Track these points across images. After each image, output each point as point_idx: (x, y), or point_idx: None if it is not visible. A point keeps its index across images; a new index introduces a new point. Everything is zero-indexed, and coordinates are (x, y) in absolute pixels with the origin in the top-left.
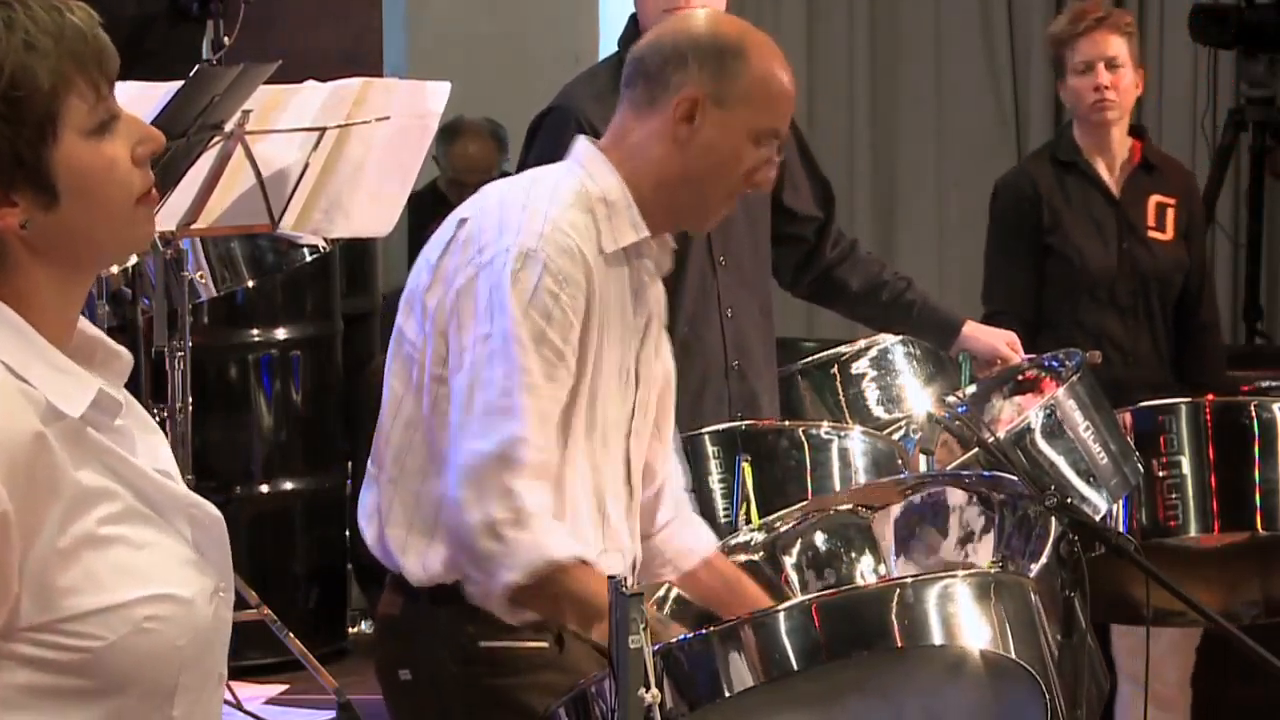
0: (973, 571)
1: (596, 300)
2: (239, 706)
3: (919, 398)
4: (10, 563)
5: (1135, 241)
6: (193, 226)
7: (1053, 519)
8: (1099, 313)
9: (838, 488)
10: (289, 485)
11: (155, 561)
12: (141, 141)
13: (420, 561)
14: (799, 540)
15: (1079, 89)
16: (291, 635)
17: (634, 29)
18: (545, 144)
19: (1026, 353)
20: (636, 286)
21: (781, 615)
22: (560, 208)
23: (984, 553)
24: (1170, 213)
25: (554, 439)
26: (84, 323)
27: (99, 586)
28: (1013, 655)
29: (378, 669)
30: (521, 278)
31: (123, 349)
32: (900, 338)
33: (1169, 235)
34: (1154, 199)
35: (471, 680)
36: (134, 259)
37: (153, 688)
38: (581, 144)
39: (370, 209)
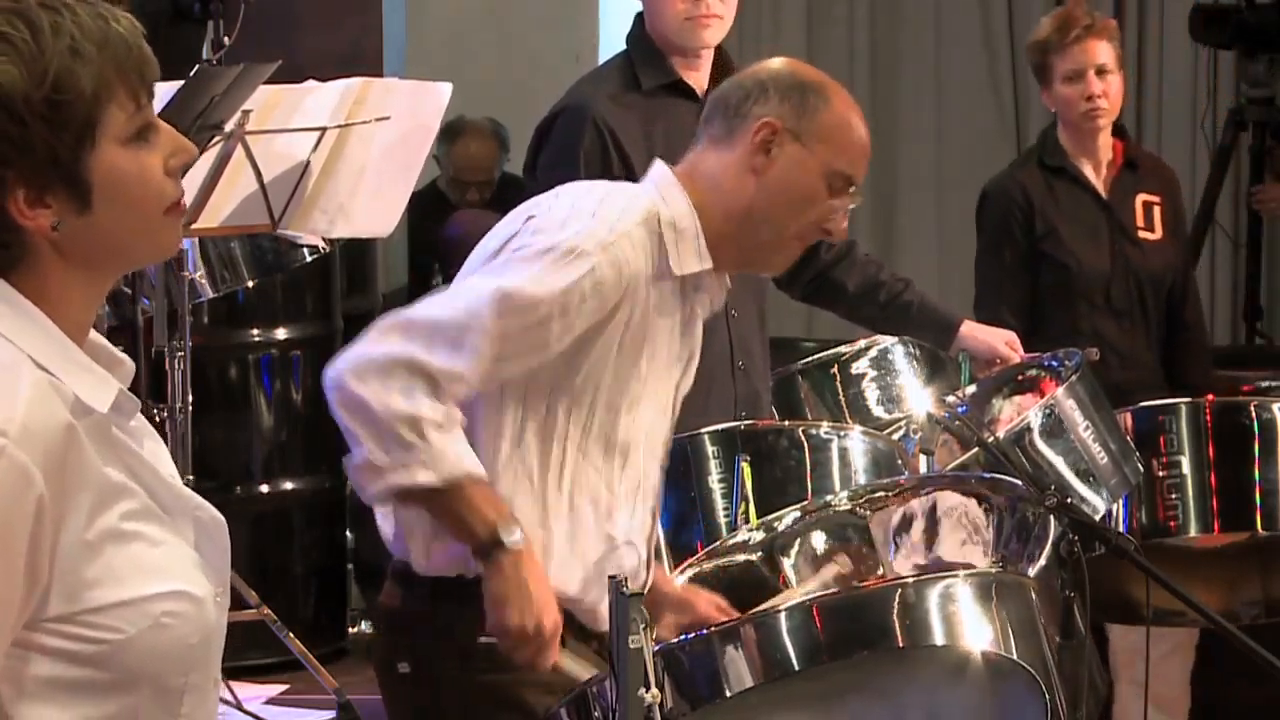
0: (973, 572)
1: (639, 317)
2: (239, 706)
3: (919, 398)
4: (43, 549)
5: (1127, 242)
6: (193, 226)
7: (1052, 519)
8: (1096, 317)
9: (837, 488)
10: (289, 485)
11: (170, 559)
12: (175, 153)
13: (425, 548)
14: (798, 540)
15: (1069, 97)
16: (291, 635)
17: (640, 26)
18: (558, 144)
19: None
20: (687, 319)
21: (783, 615)
22: (628, 223)
23: (983, 553)
24: (1157, 210)
25: (473, 402)
26: (90, 330)
27: (120, 580)
28: (1014, 656)
29: (375, 661)
30: (564, 266)
31: (126, 356)
32: (900, 338)
33: (1158, 234)
34: (1140, 198)
35: (469, 675)
36: None
37: (165, 685)
38: (659, 167)
39: (371, 209)
